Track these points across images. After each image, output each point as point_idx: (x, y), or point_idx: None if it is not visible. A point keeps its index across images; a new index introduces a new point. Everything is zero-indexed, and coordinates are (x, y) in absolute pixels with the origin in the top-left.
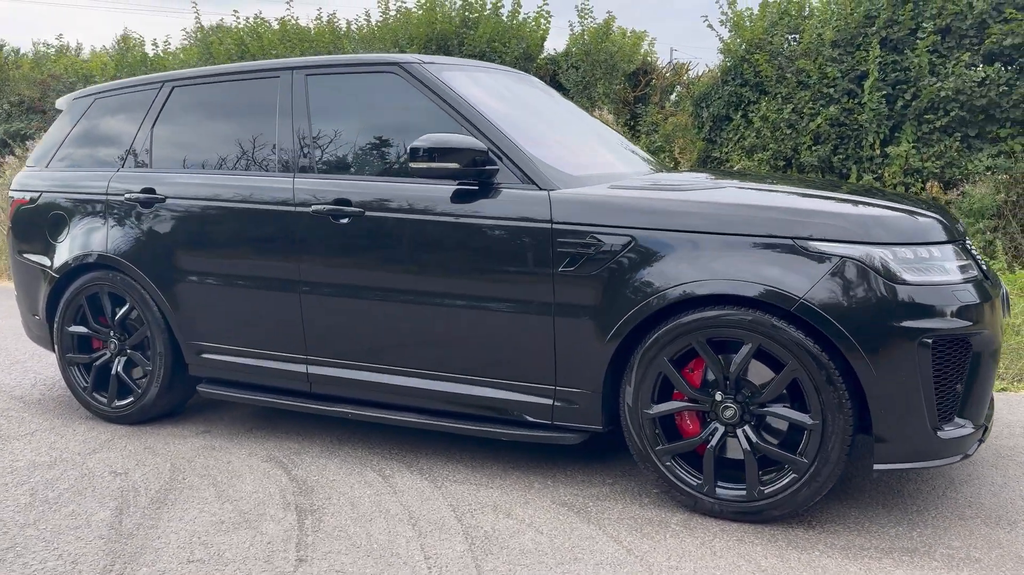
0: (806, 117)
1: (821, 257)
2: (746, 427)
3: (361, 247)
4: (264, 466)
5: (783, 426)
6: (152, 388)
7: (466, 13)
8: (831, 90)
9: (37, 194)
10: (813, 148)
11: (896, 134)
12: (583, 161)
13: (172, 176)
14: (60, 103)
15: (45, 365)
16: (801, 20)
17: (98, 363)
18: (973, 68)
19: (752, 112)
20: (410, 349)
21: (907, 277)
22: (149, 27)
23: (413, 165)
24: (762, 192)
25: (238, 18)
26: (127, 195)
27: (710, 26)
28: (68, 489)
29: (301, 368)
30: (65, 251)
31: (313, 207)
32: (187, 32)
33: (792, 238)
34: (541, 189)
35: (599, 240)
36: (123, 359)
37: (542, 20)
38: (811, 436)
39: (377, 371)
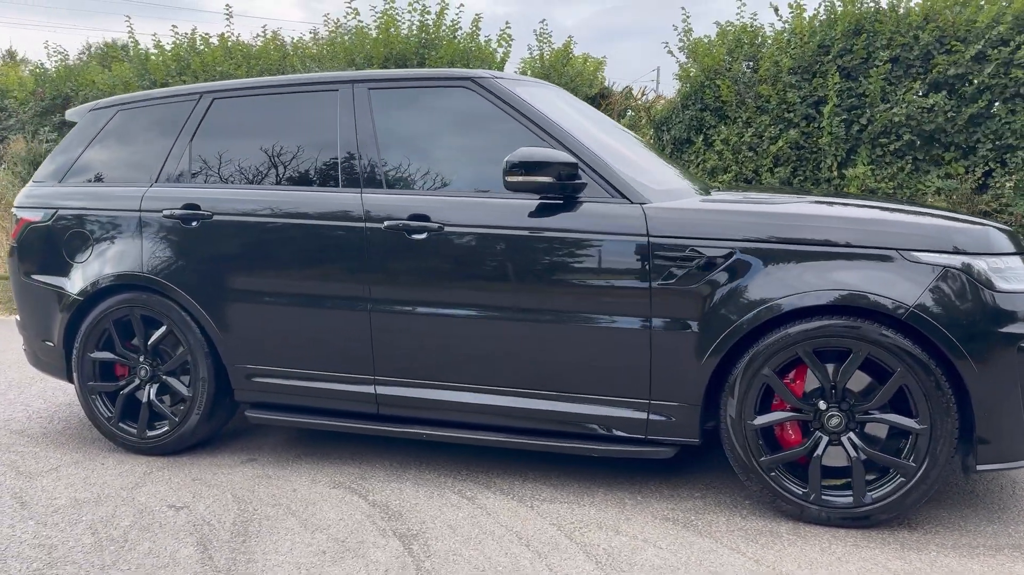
0: (766, 140)
1: (924, 267)
2: (851, 434)
3: (440, 262)
4: (335, 492)
5: (882, 432)
6: (192, 416)
7: (423, 35)
8: (791, 115)
9: (51, 211)
10: (774, 170)
11: (852, 157)
12: (655, 175)
13: (218, 191)
14: (73, 115)
15: (31, 395)
16: (756, 48)
17: (125, 391)
18: (922, 96)
19: (714, 135)
20: (493, 366)
21: (1001, 285)
22: (30, 43)
23: (509, 179)
24: (853, 207)
25: (176, 34)
26: (166, 212)
27: (670, 52)
28: (131, 526)
29: (368, 389)
30: (89, 272)
31: (386, 222)
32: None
33: (896, 249)
34: (633, 203)
35: (699, 253)
36: (154, 386)
37: (504, 43)
38: (918, 440)
39: (456, 389)
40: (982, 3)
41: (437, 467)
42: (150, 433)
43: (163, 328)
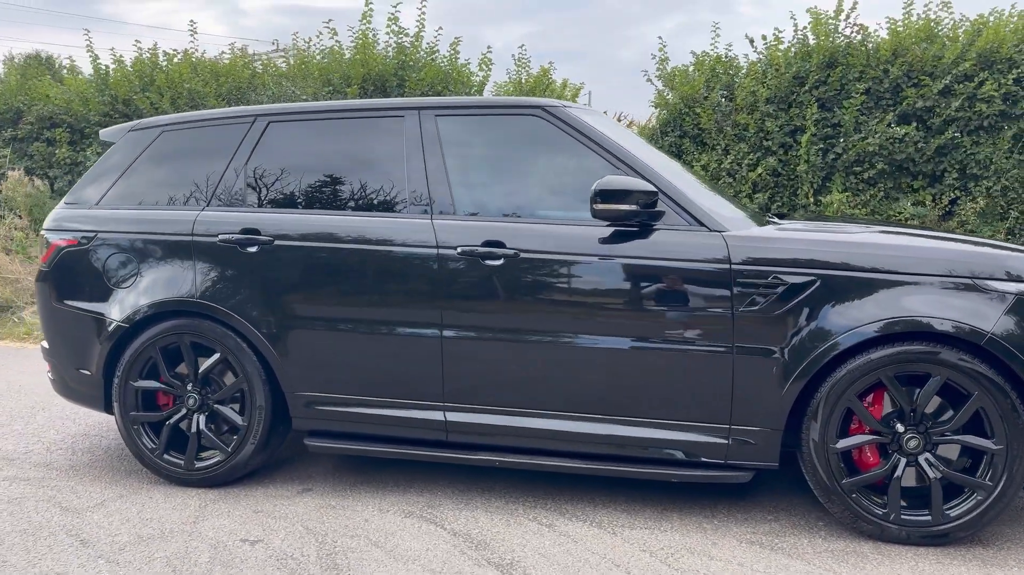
0: (745, 167)
1: (999, 295)
2: (928, 455)
3: (515, 288)
4: (408, 522)
5: (953, 453)
6: (247, 445)
7: (402, 57)
8: (768, 143)
9: (90, 235)
10: (753, 196)
11: (827, 184)
12: (715, 203)
13: (279, 216)
14: (109, 135)
15: (40, 426)
16: (730, 78)
17: (172, 422)
18: (895, 126)
19: (693, 162)
20: (569, 392)
21: None
22: None
23: (596, 207)
24: (921, 237)
25: (139, 50)
26: (222, 236)
27: (649, 80)
28: (212, 562)
29: (438, 415)
30: (134, 298)
31: (460, 248)
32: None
33: (972, 278)
34: (713, 231)
35: (782, 280)
36: (203, 416)
37: (484, 66)
38: (994, 460)
39: (530, 415)
40: (946, 41)
41: (502, 494)
42: (198, 464)
43: (216, 355)
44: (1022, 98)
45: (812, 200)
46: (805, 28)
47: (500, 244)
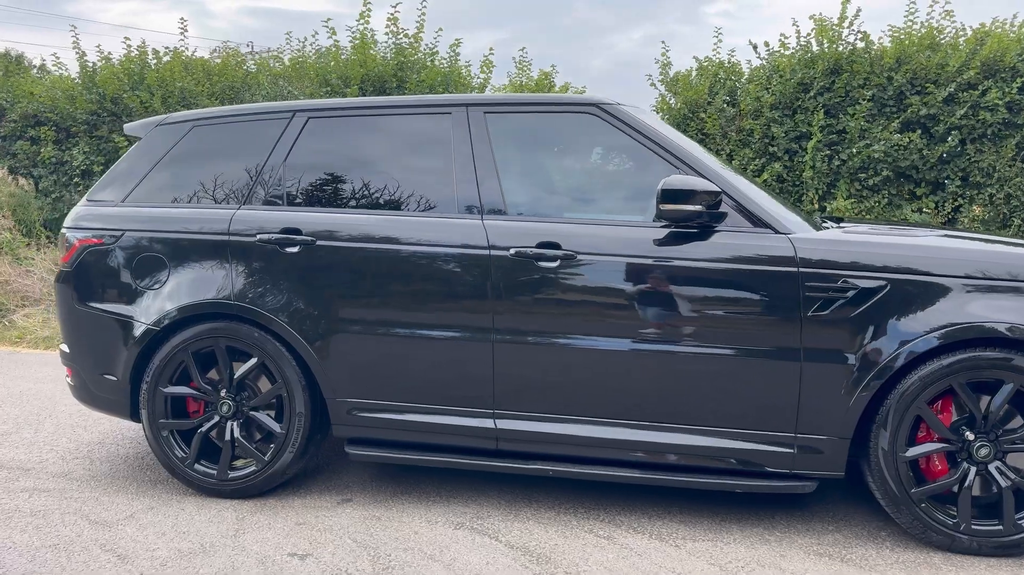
0: (750, 172)
1: None
2: (998, 463)
3: (572, 291)
4: (460, 534)
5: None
6: (285, 454)
7: (401, 58)
8: (774, 148)
9: (117, 233)
10: None
11: (832, 190)
12: (776, 205)
13: (321, 216)
14: (135, 129)
15: (50, 434)
16: (733, 84)
17: (204, 429)
18: (899, 134)
19: None
20: (629, 399)
21: None
22: None
23: (663, 207)
24: (987, 242)
25: (129, 47)
26: (261, 236)
27: (653, 85)
28: None
29: (487, 423)
30: (165, 300)
31: (513, 250)
32: None
33: None
34: (779, 234)
35: (852, 285)
36: (236, 423)
37: (486, 69)
38: None
39: (585, 423)
40: (949, 50)
41: (551, 504)
42: (232, 474)
43: (253, 360)
44: None
45: (817, 206)
46: (809, 35)
47: (555, 246)
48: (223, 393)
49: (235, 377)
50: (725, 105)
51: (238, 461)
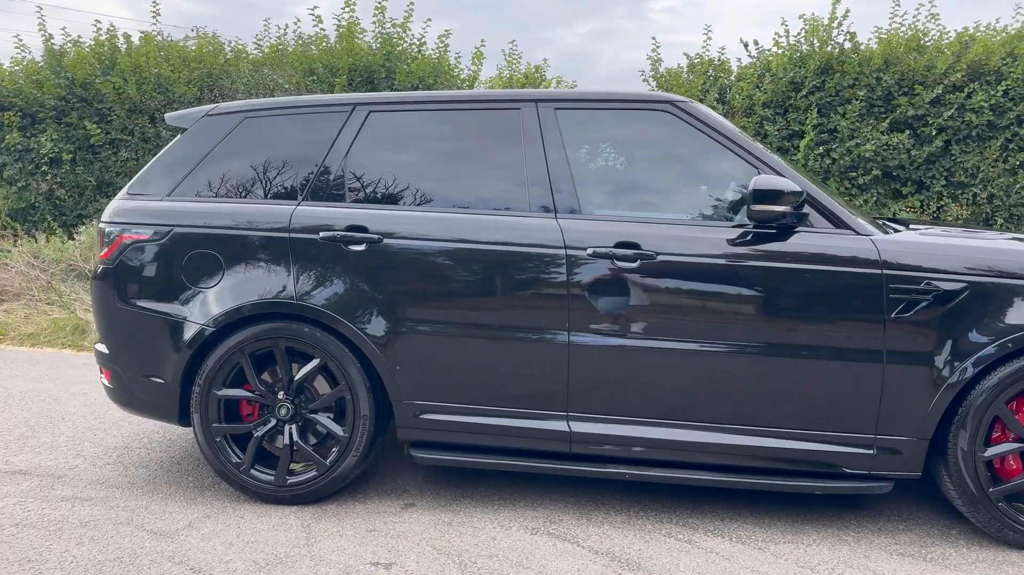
0: None
1: None
2: None
3: (651, 292)
4: (540, 540)
5: None
6: (349, 458)
7: (389, 48)
8: (767, 146)
9: (165, 228)
10: None
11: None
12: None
13: (388, 213)
14: (178, 119)
15: (70, 438)
16: (723, 81)
17: (261, 433)
18: (889, 134)
19: None
20: (706, 401)
21: None
22: None
23: (754, 208)
24: None
25: (98, 30)
26: (324, 233)
27: (646, 81)
28: None
29: (561, 425)
30: (221, 299)
31: (591, 250)
32: None
33: None
34: (860, 235)
35: (934, 286)
36: (295, 426)
37: (477, 61)
38: None
39: (663, 426)
40: (935, 52)
41: (619, 507)
42: (291, 479)
43: (315, 361)
44: (1009, 109)
45: None
46: (799, 34)
47: (634, 246)
48: (280, 395)
49: (296, 379)
50: (716, 103)
51: (295, 465)
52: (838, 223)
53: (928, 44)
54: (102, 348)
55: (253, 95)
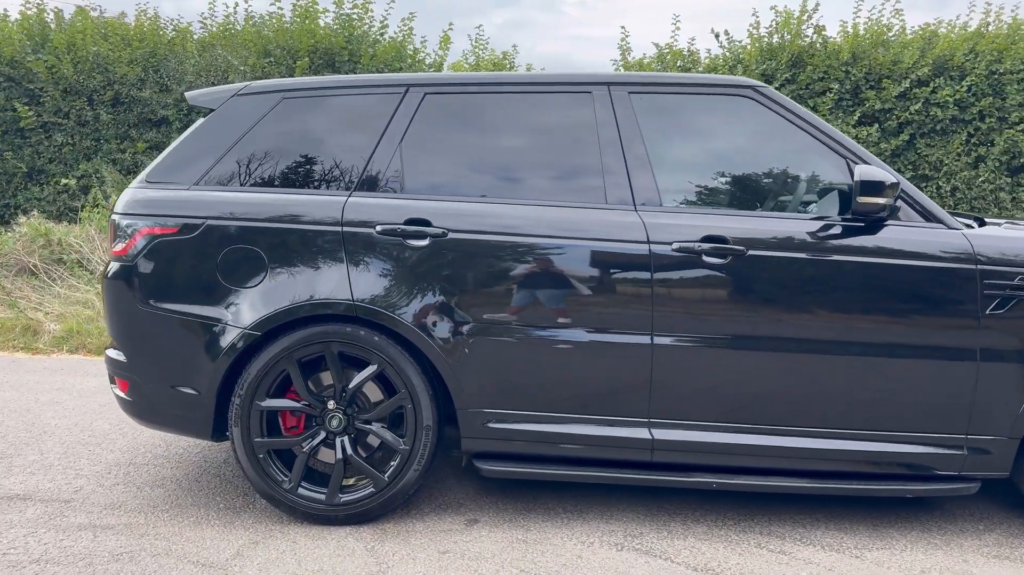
0: None
1: None
2: None
3: (742, 289)
4: (630, 556)
5: None
6: (410, 472)
7: (350, 30)
8: None
9: (197, 221)
10: None
11: None
12: None
13: (453, 206)
14: (203, 99)
15: (62, 454)
16: (695, 71)
17: (308, 447)
18: (858, 127)
19: None
20: (795, 405)
21: None
22: None
23: (862, 200)
24: None
25: (26, 3)
26: (381, 227)
27: (617, 70)
28: None
29: (642, 433)
30: (267, 299)
31: (676, 245)
32: None
33: None
34: (952, 229)
35: None
36: (347, 439)
37: (444, 46)
38: None
39: (749, 432)
40: (901, 47)
41: (696, 517)
42: (344, 498)
43: (371, 367)
44: (972, 104)
45: None
46: (770, 26)
47: (723, 240)
48: (331, 405)
49: (350, 387)
50: None
51: (344, 481)
52: (928, 217)
53: (892, 39)
54: (117, 355)
55: (204, 77)
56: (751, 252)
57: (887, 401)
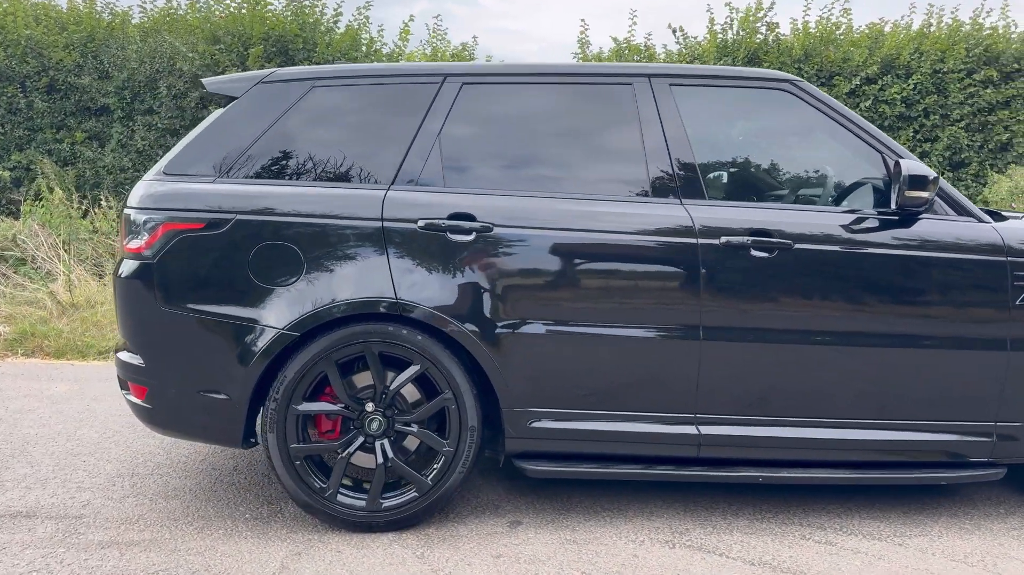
0: None
1: None
2: None
3: (787, 283)
4: (685, 554)
5: None
6: (454, 475)
7: (303, 18)
8: None
9: (226, 216)
10: None
11: None
12: None
13: (498, 200)
14: (223, 85)
15: (55, 467)
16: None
17: (346, 453)
18: None
19: None
20: (838, 397)
21: None
22: None
23: (911, 194)
24: None
25: None
26: (424, 221)
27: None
28: None
29: (689, 429)
30: (306, 298)
31: (724, 238)
32: None
33: None
34: (981, 222)
35: None
36: (387, 442)
37: (404, 38)
38: None
39: (796, 425)
40: (850, 46)
41: (735, 511)
42: (386, 503)
43: (414, 367)
44: (918, 102)
45: None
46: (725, 23)
47: (767, 233)
48: (370, 408)
49: (392, 387)
50: None
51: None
52: (960, 210)
53: (840, 37)
54: (133, 359)
55: (148, 64)
56: (798, 245)
57: (926, 391)
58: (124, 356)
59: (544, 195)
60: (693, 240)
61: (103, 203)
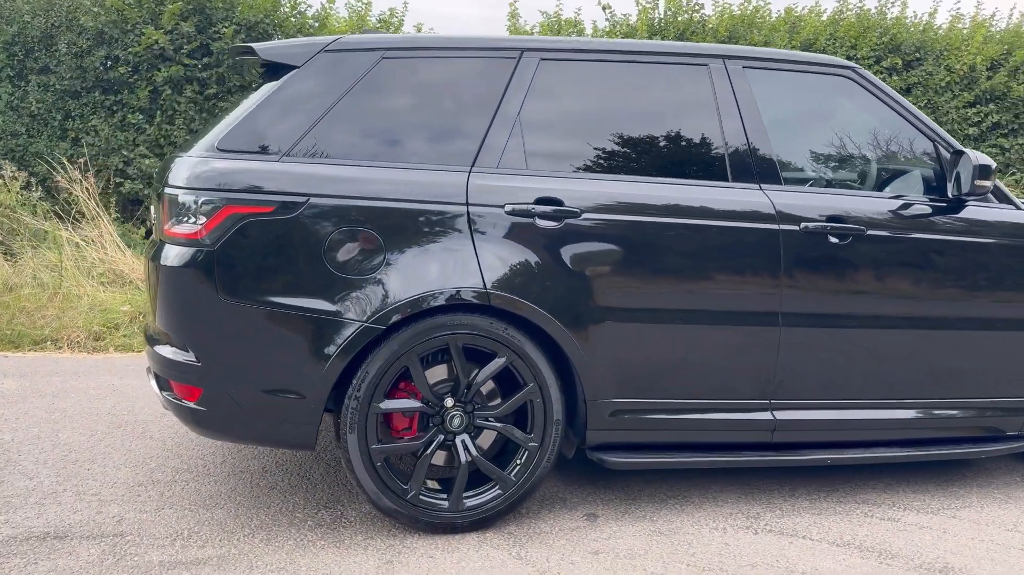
0: None
1: None
2: None
3: (863, 270)
4: (772, 538)
5: None
6: (539, 470)
7: None
8: None
9: (298, 199)
10: None
11: None
12: None
13: (586, 184)
14: (279, 52)
15: (56, 480)
16: None
17: (427, 451)
18: None
19: None
20: (905, 379)
21: None
22: None
23: (980, 183)
24: None
25: None
26: (511, 206)
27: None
28: None
29: (764, 415)
30: (390, 288)
31: (804, 224)
32: None
33: None
34: (1019, 208)
35: None
36: (468, 438)
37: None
38: None
39: (864, 407)
40: (770, 30)
41: (789, 493)
42: (468, 502)
43: (499, 360)
44: None
45: None
46: (652, 2)
47: (841, 219)
48: (450, 403)
49: (476, 381)
50: None
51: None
52: (1002, 198)
53: (759, 20)
54: (180, 356)
55: (43, 17)
56: (871, 232)
57: (977, 370)
58: (168, 352)
59: (627, 179)
60: (775, 226)
61: (4, 172)
